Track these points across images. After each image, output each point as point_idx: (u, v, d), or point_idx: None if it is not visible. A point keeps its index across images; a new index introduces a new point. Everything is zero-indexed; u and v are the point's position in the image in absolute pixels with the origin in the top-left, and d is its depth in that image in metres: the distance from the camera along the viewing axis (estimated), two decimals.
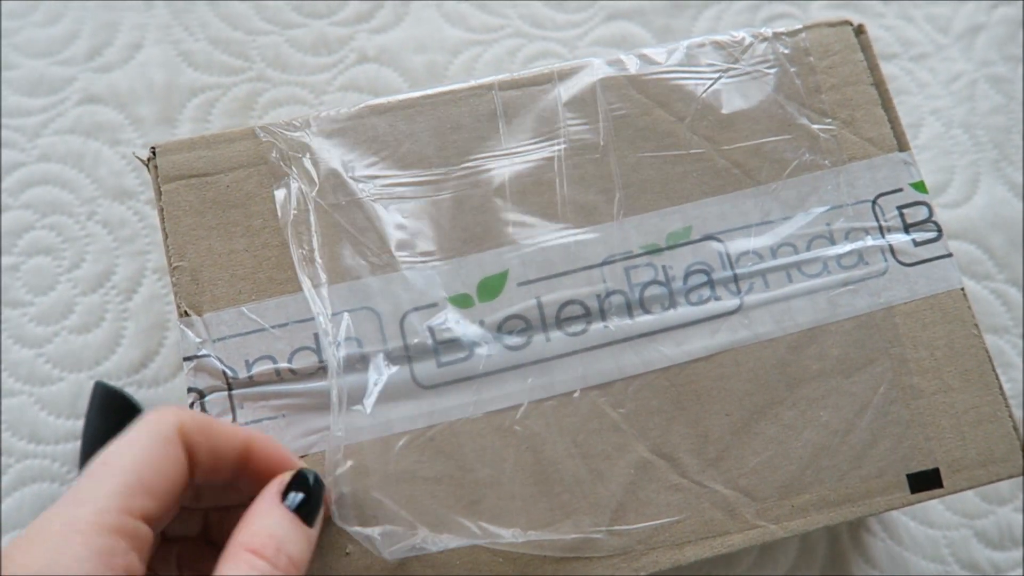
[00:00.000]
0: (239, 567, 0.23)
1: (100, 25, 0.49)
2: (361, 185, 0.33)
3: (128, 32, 0.49)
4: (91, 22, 0.49)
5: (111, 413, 0.42)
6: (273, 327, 0.31)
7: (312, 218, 0.32)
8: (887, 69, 0.51)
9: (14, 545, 0.21)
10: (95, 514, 0.22)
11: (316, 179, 0.32)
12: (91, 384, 0.43)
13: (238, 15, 0.50)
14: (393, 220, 0.32)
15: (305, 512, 0.26)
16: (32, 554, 0.21)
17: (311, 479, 0.26)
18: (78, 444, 0.42)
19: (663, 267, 0.33)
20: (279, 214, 0.32)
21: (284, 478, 0.26)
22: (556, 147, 0.34)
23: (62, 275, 0.45)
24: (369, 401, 0.31)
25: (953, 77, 0.51)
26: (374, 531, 0.29)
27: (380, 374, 0.31)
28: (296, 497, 0.26)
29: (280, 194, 0.32)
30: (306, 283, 0.31)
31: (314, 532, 0.26)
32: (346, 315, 0.31)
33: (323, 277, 0.32)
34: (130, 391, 0.43)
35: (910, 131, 0.50)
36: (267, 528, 0.24)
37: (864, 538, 0.43)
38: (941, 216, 0.48)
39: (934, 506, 0.44)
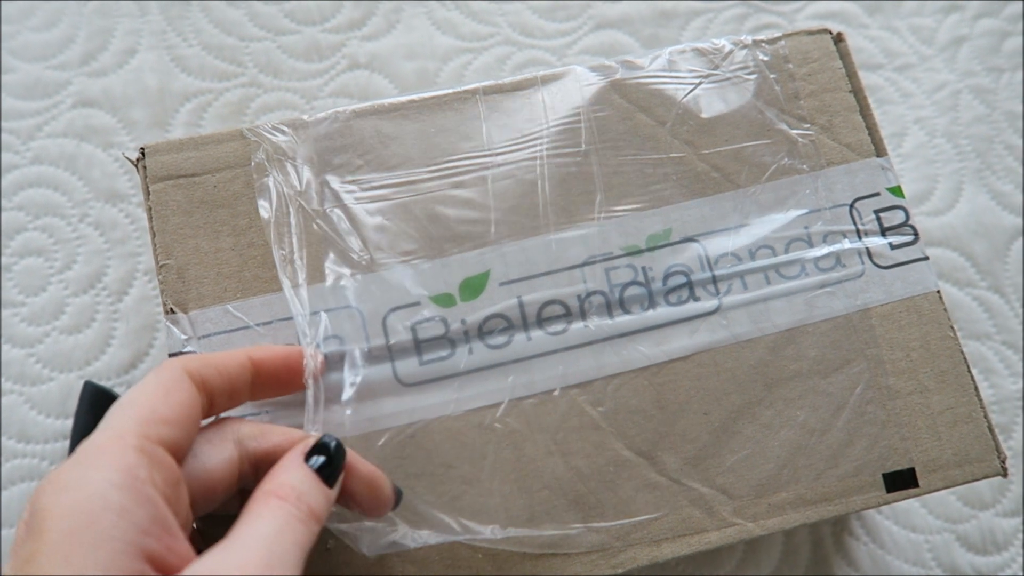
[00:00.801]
0: (268, 506, 0.25)
1: (95, 30, 0.50)
2: (345, 186, 0.33)
3: (123, 37, 0.50)
4: (86, 27, 0.50)
5: (100, 413, 0.42)
6: (258, 325, 0.32)
7: (293, 219, 0.33)
8: (871, 79, 0.52)
9: (53, 471, 0.23)
10: (116, 438, 0.24)
11: (300, 180, 0.33)
12: (81, 384, 0.43)
13: (231, 21, 0.50)
14: (376, 220, 0.33)
15: (326, 474, 0.27)
16: (65, 473, 0.23)
17: (332, 445, 0.28)
18: (67, 443, 0.43)
19: (643, 268, 0.33)
20: (262, 215, 0.33)
21: (308, 443, 0.28)
22: (539, 150, 0.34)
23: (54, 276, 0.46)
24: (350, 398, 0.31)
25: (937, 87, 0.52)
26: (354, 527, 0.30)
27: (362, 371, 0.31)
28: (318, 460, 0.27)
29: (264, 195, 0.33)
30: (286, 283, 0.32)
31: (333, 492, 0.27)
32: (327, 314, 0.32)
33: (304, 276, 0.32)
34: (119, 391, 0.44)
35: (894, 140, 0.51)
36: (290, 481, 0.26)
37: (847, 542, 0.44)
38: (924, 224, 0.49)
39: (916, 510, 0.44)
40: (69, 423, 0.43)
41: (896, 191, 0.35)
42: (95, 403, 0.42)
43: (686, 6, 0.52)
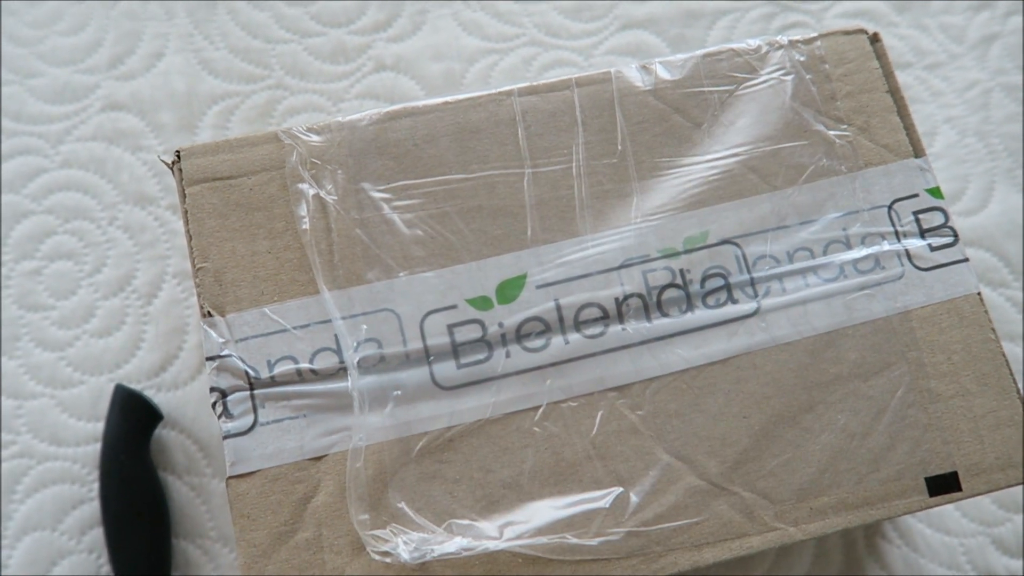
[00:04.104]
0: None
1: (123, 34, 0.50)
2: (381, 189, 0.33)
3: (150, 41, 0.50)
4: (114, 31, 0.50)
5: (131, 416, 0.42)
6: (295, 328, 0.32)
7: (331, 221, 0.32)
8: (901, 78, 0.51)
9: None
10: None
11: (336, 183, 0.33)
12: (111, 387, 0.43)
13: (258, 24, 0.50)
14: (413, 224, 0.33)
15: None
16: None
17: None
18: (98, 446, 0.43)
19: (680, 270, 0.33)
20: (297, 218, 0.32)
21: None
22: (574, 152, 0.34)
23: (83, 279, 0.46)
24: (389, 402, 0.31)
25: (967, 86, 0.51)
26: (392, 533, 0.30)
27: (400, 375, 0.31)
28: None
29: (299, 198, 0.33)
30: (324, 287, 0.32)
31: None
32: (366, 317, 0.32)
33: (343, 279, 0.32)
34: (149, 394, 0.44)
35: (925, 139, 0.50)
36: None
37: (880, 545, 0.43)
38: (956, 224, 0.48)
39: (950, 513, 0.44)
40: (100, 426, 0.44)
41: (935, 192, 0.35)
42: (126, 406, 0.43)
43: (713, 6, 0.52)
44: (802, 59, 0.36)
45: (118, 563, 0.40)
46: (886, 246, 0.34)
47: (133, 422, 0.42)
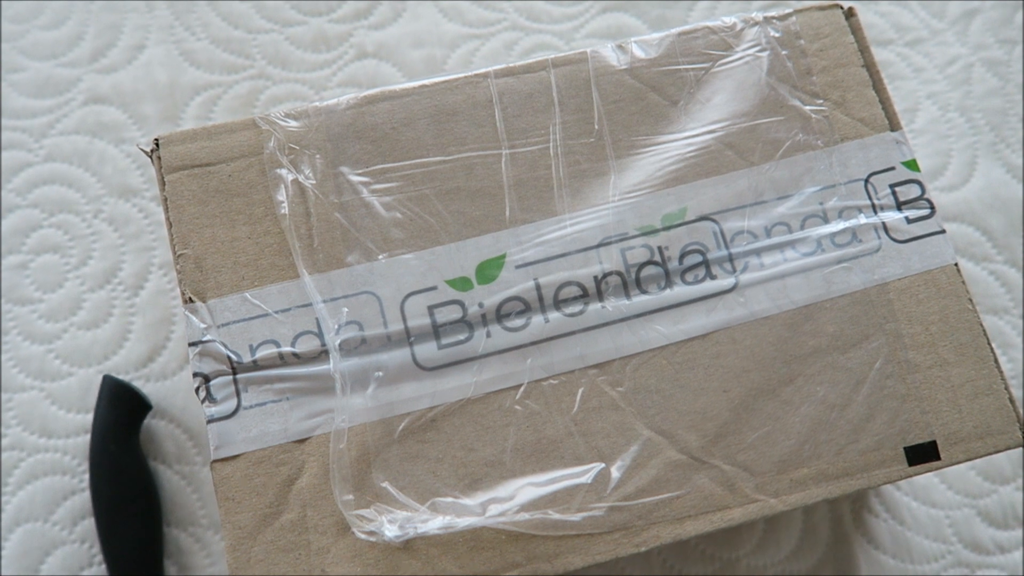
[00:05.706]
0: None
1: (104, 27, 0.50)
2: (359, 173, 0.33)
3: (131, 33, 0.50)
4: (95, 24, 0.50)
5: (120, 407, 0.42)
6: (276, 312, 0.32)
7: (310, 206, 0.33)
8: (882, 55, 0.51)
9: None
10: None
11: (314, 167, 0.33)
12: (100, 378, 0.44)
13: (239, 14, 0.50)
14: (391, 206, 0.33)
15: None
16: None
17: None
18: (88, 438, 0.43)
19: (659, 248, 0.33)
20: (277, 203, 0.33)
21: None
22: (552, 132, 0.34)
23: (70, 272, 0.46)
24: (371, 383, 0.31)
25: (949, 61, 0.51)
26: (376, 512, 0.30)
27: (381, 357, 0.31)
28: None
29: (278, 183, 0.33)
30: (304, 271, 0.32)
31: None
32: (347, 300, 0.32)
33: (323, 263, 0.32)
34: (138, 385, 0.44)
35: (906, 115, 0.50)
36: None
37: (867, 519, 0.44)
38: (939, 199, 0.49)
39: (936, 486, 0.44)
40: (89, 417, 0.44)
41: (911, 165, 0.35)
42: (115, 397, 0.43)
43: None
44: (777, 35, 0.36)
45: (110, 553, 0.41)
46: (863, 219, 0.34)
47: (122, 412, 0.42)
